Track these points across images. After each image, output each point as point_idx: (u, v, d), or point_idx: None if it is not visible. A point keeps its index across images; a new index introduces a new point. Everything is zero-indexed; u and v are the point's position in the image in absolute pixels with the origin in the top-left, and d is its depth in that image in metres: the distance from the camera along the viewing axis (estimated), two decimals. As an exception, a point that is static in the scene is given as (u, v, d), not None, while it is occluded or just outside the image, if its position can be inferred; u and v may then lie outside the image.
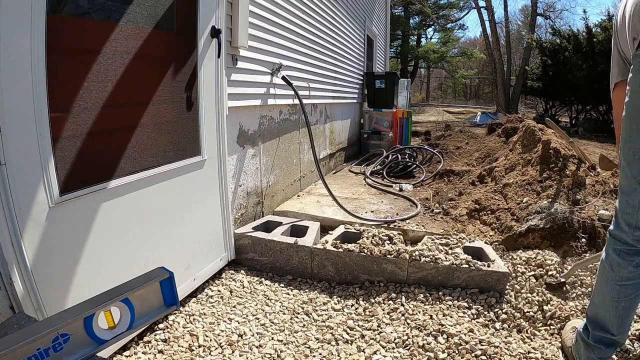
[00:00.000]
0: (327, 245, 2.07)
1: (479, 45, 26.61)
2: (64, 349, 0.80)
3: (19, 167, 1.05)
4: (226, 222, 2.10)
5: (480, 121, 11.36)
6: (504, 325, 1.64)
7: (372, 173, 4.13)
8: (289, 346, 1.51)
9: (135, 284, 0.94)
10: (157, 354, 1.44)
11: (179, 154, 1.70)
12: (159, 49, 1.58)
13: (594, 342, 1.29)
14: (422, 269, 1.89)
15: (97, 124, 1.30)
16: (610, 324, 1.25)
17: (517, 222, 2.47)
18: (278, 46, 2.76)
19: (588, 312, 1.34)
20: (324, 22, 3.88)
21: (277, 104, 2.81)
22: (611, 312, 1.24)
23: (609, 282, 1.23)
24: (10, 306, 1.07)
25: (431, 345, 1.46)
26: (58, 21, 1.14)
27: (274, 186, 2.89)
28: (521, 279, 1.91)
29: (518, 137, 3.48)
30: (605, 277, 1.25)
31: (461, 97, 30.39)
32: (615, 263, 1.21)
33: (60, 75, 1.16)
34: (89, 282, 1.29)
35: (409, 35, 22.25)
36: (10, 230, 1.04)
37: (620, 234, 1.21)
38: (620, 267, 1.20)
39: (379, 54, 8.10)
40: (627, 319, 1.25)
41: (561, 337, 1.54)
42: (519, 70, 14.99)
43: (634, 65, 1.10)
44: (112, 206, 1.37)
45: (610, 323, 1.25)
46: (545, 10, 17.56)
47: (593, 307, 1.31)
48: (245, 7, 2.15)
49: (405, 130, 5.65)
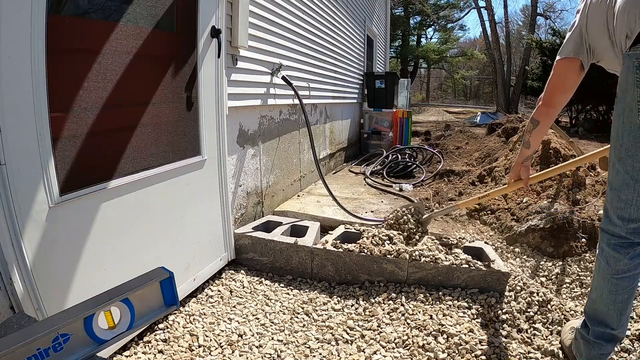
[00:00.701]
0: (327, 245, 2.07)
1: (479, 45, 26.62)
2: (64, 349, 0.80)
3: (19, 167, 1.05)
4: (226, 222, 2.10)
5: (480, 121, 11.37)
6: (504, 325, 1.64)
7: (372, 173, 4.13)
8: (289, 346, 1.51)
9: (135, 284, 0.94)
10: (157, 354, 1.44)
11: (179, 154, 1.70)
12: (159, 48, 1.58)
13: (594, 338, 1.30)
14: (422, 269, 1.89)
15: (97, 123, 1.30)
16: (610, 318, 1.26)
17: (517, 222, 2.47)
18: (278, 46, 2.76)
19: (586, 309, 1.35)
20: (324, 22, 3.88)
21: (277, 104, 2.80)
22: (609, 306, 1.26)
23: (605, 276, 1.25)
24: (10, 306, 1.07)
25: (431, 345, 1.46)
26: (58, 21, 1.14)
27: (274, 186, 2.89)
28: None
29: (518, 137, 3.48)
30: (602, 271, 1.27)
31: (461, 97, 30.39)
32: (611, 257, 1.23)
33: (60, 75, 1.16)
34: (89, 282, 1.29)
35: (409, 35, 22.25)
36: (10, 230, 1.04)
37: (614, 229, 1.23)
38: (616, 260, 1.22)
39: (379, 54, 8.10)
40: (626, 311, 1.26)
41: (560, 337, 1.54)
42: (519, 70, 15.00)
43: (625, 63, 1.11)
44: (112, 206, 1.37)
45: (609, 317, 1.26)
46: (545, 11, 17.57)
47: (591, 303, 1.32)
48: (245, 7, 2.15)
49: (405, 130, 5.65)
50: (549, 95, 1.43)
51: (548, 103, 1.44)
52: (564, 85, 1.38)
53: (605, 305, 1.26)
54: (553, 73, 1.39)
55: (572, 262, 2.12)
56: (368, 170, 4.19)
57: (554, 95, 1.42)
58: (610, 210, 1.24)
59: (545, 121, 1.48)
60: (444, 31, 22.82)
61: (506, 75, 15.55)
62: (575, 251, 2.18)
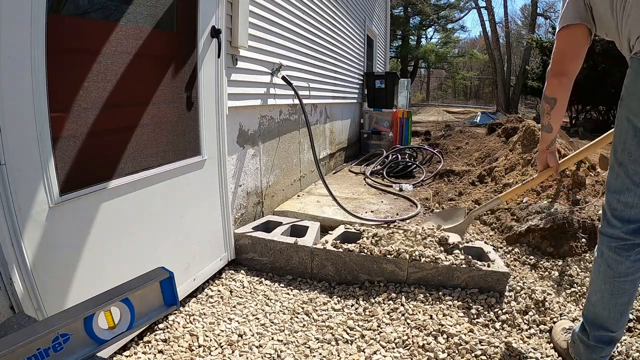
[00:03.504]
0: (327, 245, 2.07)
1: (479, 45, 26.62)
2: (64, 349, 0.80)
3: (19, 167, 1.05)
4: (226, 222, 2.10)
5: (480, 121, 11.37)
6: (504, 325, 1.64)
7: (372, 173, 4.13)
8: (289, 346, 1.51)
9: (135, 284, 0.94)
10: (157, 354, 1.44)
11: (179, 154, 1.70)
12: (159, 48, 1.58)
13: (595, 342, 1.28)
14: (422, 269, 1.89)
15: (97, 123, 1.30)
16: (610, 321, 1.25)
17: (517, 222, 2.47)
18: (278, 46, 2.76)
19: (585, 313, 1.33)
20: (324, 22, 3.88)
21: (277, 104, 2.81)
22: (610, 309, 1.24)
23: (607, 279, 1.23)
24: (10, 306, 1.07)
25: (431, 345, 1.46)
26: (58, 21, 1.14)
27: (274, 186, 2.89)
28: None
29: (518, 137, 3.48)
30: (603, 275, 1.24)
31: (461, 97, 30.40)
32: (612, 260, 1.21)
33: (60, 75, 1.16)
34: (89, 282, 1.29)
35: (409, 35, 22.25)
36: (10, 230, 1.04)
37: (613, 231, 1.21)
38: (618, 263, 1.20)
39: (379, 54, 8.10)
40: (626, 313, 1.25)
41: (552, 340, 1.53)
42: (519, 70, 15.00)
43: (633, 67, 1.08)
44: (112, 206, 1.37)
45: (609, 320, 1.25)
46: (546, 11, 17.58)
47: (590, 306, 1.30)
48: (245, 7, 2.15)
49: (405, 130, 5.65)
50: (558, 64, 1.27)
51: (559, 72, 1.27)
52: (572, 51, 1.24)
53: (605, 308, 1.25)
54: (556, 44, 1.26)
55: (572, 262, 2.12)
56: (368, 170, 4.19)
57: (563, 62, 1.26)
58: (609, 212, 1.21)
59: (562, 94, 1.30)
60: (444, 31, 22.81)
61: (506, 75, 15.56)
62: (575, 251, 2.18)
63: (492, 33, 15.28)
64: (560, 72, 1.27)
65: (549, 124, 1.38)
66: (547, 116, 1.37)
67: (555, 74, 1.28)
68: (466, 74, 27.41)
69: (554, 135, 1.43)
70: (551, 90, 1.30)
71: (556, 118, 1.35)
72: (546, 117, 1.38)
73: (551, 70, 1.29)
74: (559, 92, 1.29)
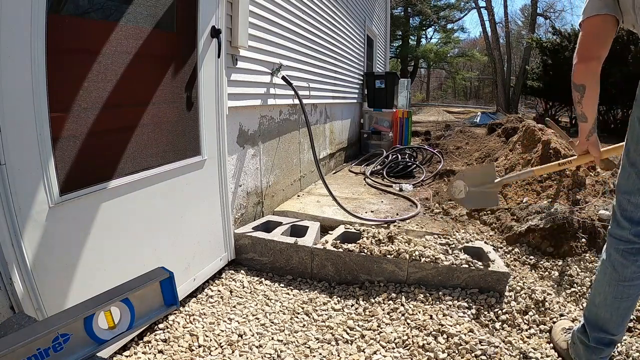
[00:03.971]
0: (327, 245, 2.07)
1: (479, 45, 26.62)
2: (64, 349, 0.80)
3: (19, 167, 1.05)
4: (226, 222, 2.10)
5: (480, 121, 11.36)
6: (504, 325, 1.64)
7: (372, 173, 4.13)
8: (289, 346, 1.51)
9: (135, 284, 0.94)
10: (157, 354, 1.44)
11: (179, 154, 1.70)
12: (159, 48, 1.58)
13: (595, 344, 1.28)
14: (422, 269, 1.89)
15: (97, 123, 1.30)
16: (611, 324, 1.25)
17: (517, 222, 2.47)
18: (278, 46, 2.76)
19: (586, 314, 1.33)
20: (324, 22, 3.88)
21: (277, 104, 2.80)
22: (613, 313, 1.23)
23: (612, 282, 1.22)
24: (10, 306, 1.07)
25: (431, 345, 1.46)
26: (58, 21, 1.14)
27: (274, 186, 2.89)
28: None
29: (518, 137, 3.48)
30: (608, 278, 1.23)
31: (461, 97, 30.41)
32: (619, 263, 1.20)
33: (60, 75, 1.16)
34: (88, 282, 1.29)
35: (409, 35, 22.25)
36: (10, 230, 1.04)
37: (621, 232, 1.20)
38: (624, 267, 1.19)
39: (379, 54, 8.10)
40: (627, 317, 1.25)
41: (552, 340, 1.53)
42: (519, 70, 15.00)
43: None
44: (112, 206, 1.37)
45: (611, 323, 1.25)
46: (545, 11, 17.58)
47: (593, 308, 1.29)
48: (245, 7, 2.15)
49: (405, 130, 5.65)
50: (586, 49, 1.20)
51: (586, 57, 1.20)
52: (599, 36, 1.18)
53: (608, 311, 1.24)
54: (583, 31, 1.20)
55: (572, 262, 2.12)
56: (368, 170, 4.19)
57: (590, 47, 1.20)
58: (619, 212, 1.20)
59: (591, 80, 1.22)
60: (444, 32, 22.82)
61: (506, 75, 15.56)
62: (575, 251, 2.18)
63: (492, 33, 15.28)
64: (587, 57, 1.20)
65: (583, 113, 1.31)
66: (579, 105, 1.30)
67: (581, 59, 1.21)
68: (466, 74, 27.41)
69: (590, 125, 1.34)
70: (578, 77, 1.24)
71: (589, 106, 1.28)
72: (578, 107, 1.31)
73: (577, 55, 1.23)
74: (586, 78, 1.23)
